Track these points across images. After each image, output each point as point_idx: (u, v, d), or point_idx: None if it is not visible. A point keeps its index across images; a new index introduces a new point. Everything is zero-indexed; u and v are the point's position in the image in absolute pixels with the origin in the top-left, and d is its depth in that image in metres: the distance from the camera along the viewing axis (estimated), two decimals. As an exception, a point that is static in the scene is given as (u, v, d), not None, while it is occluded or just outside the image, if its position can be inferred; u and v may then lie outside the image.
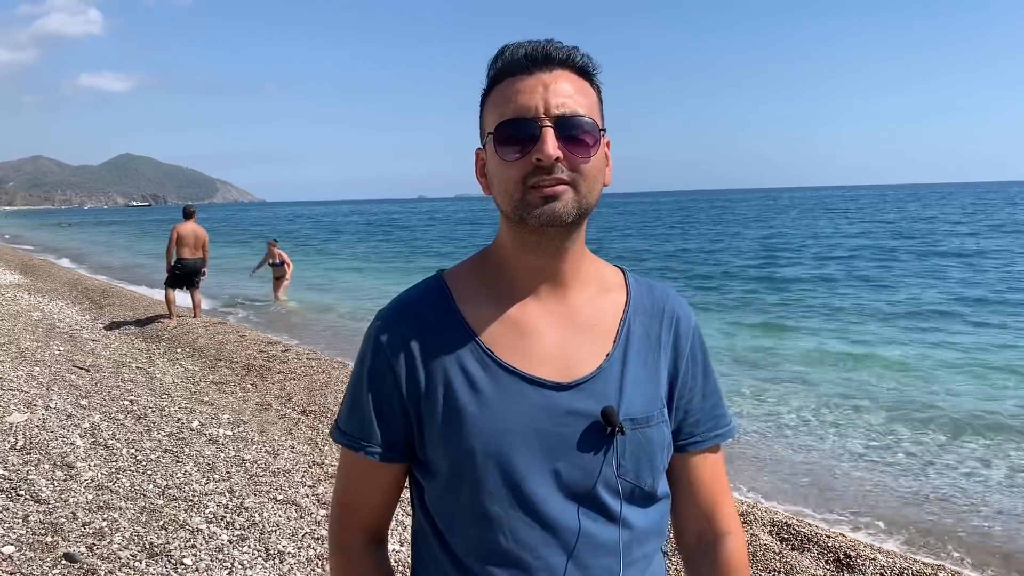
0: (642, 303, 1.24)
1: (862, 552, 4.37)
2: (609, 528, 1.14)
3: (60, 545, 3.89)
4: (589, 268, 1.23)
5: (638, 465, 1.15)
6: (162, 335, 11.06)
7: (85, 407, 6.60)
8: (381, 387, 1.17)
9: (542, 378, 1.14)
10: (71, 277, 19.60)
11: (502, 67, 1.14)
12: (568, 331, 1.18)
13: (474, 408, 1.12)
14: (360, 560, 1.24)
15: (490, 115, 1.15)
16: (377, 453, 1.19)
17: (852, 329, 13.08)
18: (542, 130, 1.08)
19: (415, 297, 1.21)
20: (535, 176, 1.09)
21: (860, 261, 24.55)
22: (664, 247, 33.55)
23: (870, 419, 7.83)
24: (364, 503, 1.24)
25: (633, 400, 1.16)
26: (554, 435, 1.12)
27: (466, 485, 1.13)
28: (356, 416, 1.20)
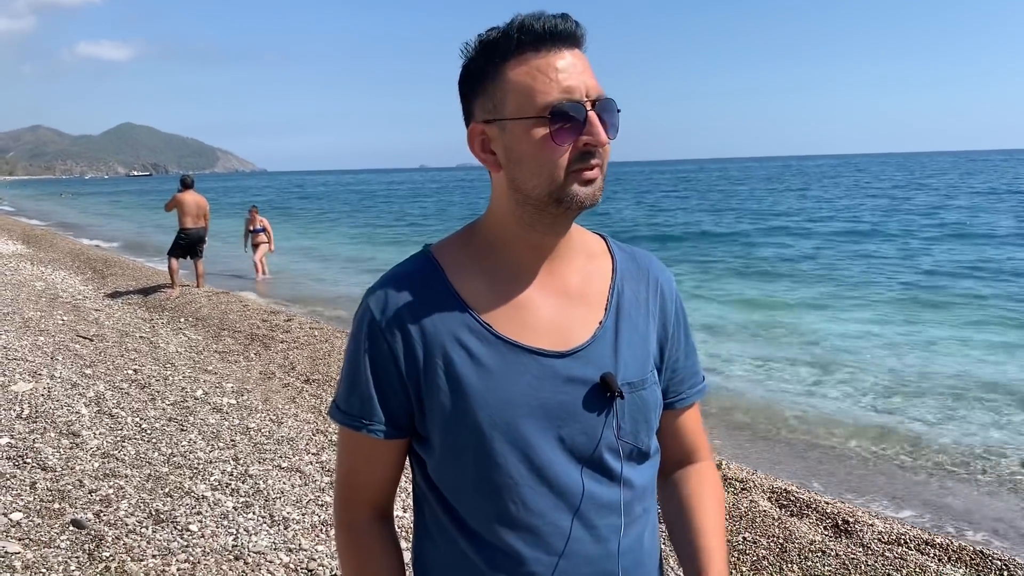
0: (628, 269, 1.26)
1: (860, 518, 4.41)
2: (612, 488, 1.17)
3: (67, 512, 3.94)
4: (576, 238, 1.23)
5: (636, 427, 1.18)
6: (165, 305, 11.09)
7: (89, 376, 6.64)
8: (379, 365, 1.17)
9: (541, 348, 1.15)
10: (73, 247, 19.62)
11: (525, 39, 1.09)
12: (561, 301, 1.19)
13: (476, 381, 1.13)
14: (367, 536, 1.25)
15: (517, 92, 1.09)
16: (380, 431, 1.19)
17: (840, 303, 13.10)
18: (589, 114, 1.08)
19: (407, 273, 1.20)
20: (580, 161, 1.08)
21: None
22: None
23: (868, 389, 7.87)
24: (368, 481, 1.25)
25: (628, 365, 1.18)
26: (556, 403, 1.13)
27: (471, 456, 1.14)
28: (356, 395, 1.20)
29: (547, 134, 1.07)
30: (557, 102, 1.07)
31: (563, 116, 1.07)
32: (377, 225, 33.68)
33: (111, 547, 3.65)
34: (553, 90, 1.07)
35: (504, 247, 1.19)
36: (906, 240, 21.60)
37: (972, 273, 15.42)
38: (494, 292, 1.17)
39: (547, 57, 1.08)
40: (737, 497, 4.63)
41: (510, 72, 1.09)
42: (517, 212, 1.15)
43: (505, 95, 1.10)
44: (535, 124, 1.08)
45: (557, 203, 1.10)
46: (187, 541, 3.82)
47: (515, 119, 1.09)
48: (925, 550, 4.12)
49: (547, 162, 1.08)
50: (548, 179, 1.09)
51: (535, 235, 1.16)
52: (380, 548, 1.25)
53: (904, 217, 28.68)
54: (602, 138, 1.08)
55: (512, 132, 1.10)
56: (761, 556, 4.02)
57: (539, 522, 1.13)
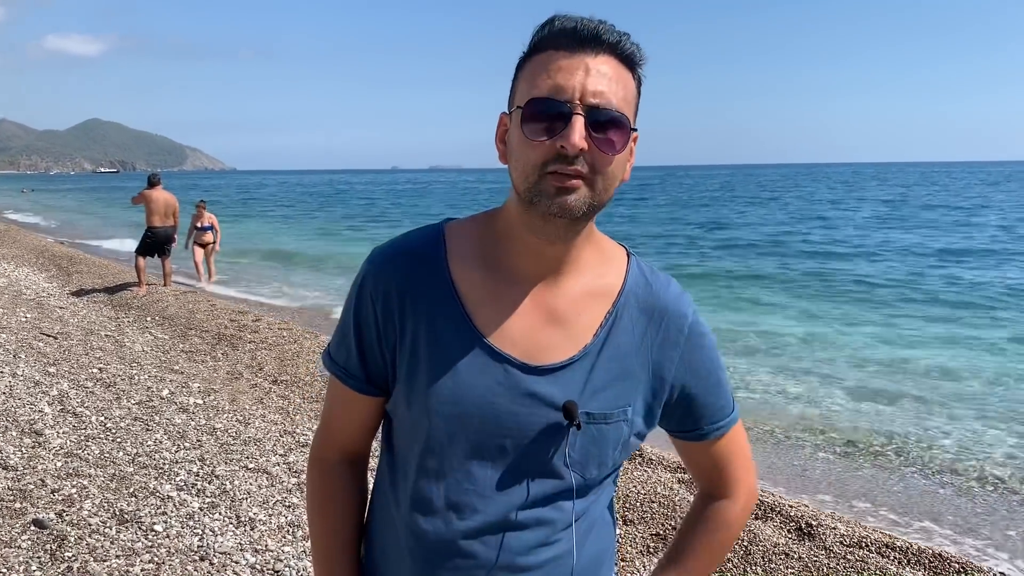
0: (635, 295, 1.20)
1: (823, 521, 4.48)
2: (544, 509, 1.17)
3: (29, 511, 3.89)
4: (591, 252, 1.19)
5: (586, 459, 1.16)
6: (132, 303, 10.96)
7: (53, 374, 6.55)
8: (363, 325, 1.19)
9: (512, 356, 1.14)
10: (38, 244, 19.30)
11: (547, 36, 1.08)
12: (550, 317, 1.17)
13: (441, 372, 1.14)
14: (333, 473, 1.30)
15: (523, 85, 1.09)
16: (356, 385, 1.23)
17: (813, 306, 13.28)
18: (572, 116, 1.03)
19: (410, 246, 1.20)
20: (555, 163, 1.03)
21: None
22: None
23: (835, 393, 7.98)
24: (343, 426, 1.29)
25: (597, 396, 1.16)
26: (509, 413, 1.13)
27: (419, 436, 1.17)
28: (343, 346, 1.23)
29: (524, 128, 1.06)
30: (536, 96, 1.05)
31: (538, 110, 1.04)
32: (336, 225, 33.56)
33: (74, 547, 3.61)
34: (542, 85, 1.05)
35: (507, 243, 1.17)
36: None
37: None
38: (488, 288, 1.16)
39: (562, 55, 1.06)
40: (703, 500, 4.67)
41: (528, 64, 1.10)
42: (518, 209, 1.13)
43: (518, 86, 1.11)
44: (520, 117, 1.07)
45: (531, 204, 1.07)
46: (152, 542, 3.79)
47: (515, 109, 1.10)
48: (886, 553, 4.20)
49: (522, 157, 1.07)
50: (523, 175, 1.07)
51: (533, 239, 1.13)
52: (343, 488, 1.30)
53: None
54: (573, 141, 1.01)
55: (512, 122, 1.11)
56: (726, 559, 4.07)
57: (453, 519, 1.16)
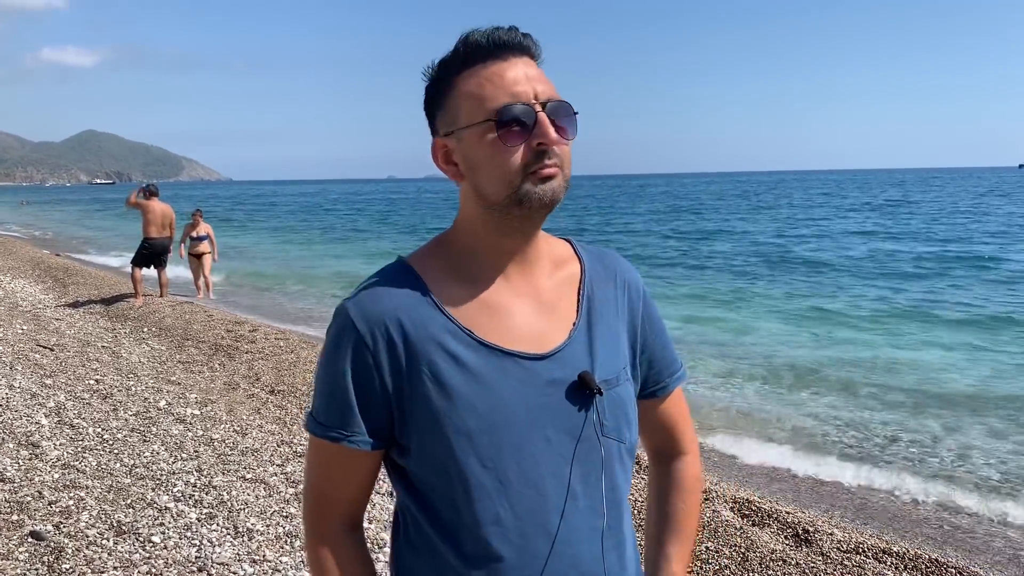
0: (596, 271, 1.30)
1: (820, 528, 4.49)
2: (596, 487, 1.19)
3: (26, 523, 3.89)
4: (545, 244, 1.27)
5: (618, 422, 1.21)
6: (128, 314, 10.96)
7: (50, 386, 6.55)
8: (360, 376, 1.16)
9: (522, 351, 1.17)
10: (34, 255, 19.30)
11: (470, 53, 1.13)
12: (535, 306, 1.22)
13: (464, 386, 1.13)
14: (341, 548, 1.24)
15: (468, 101, 1.13)
16: (361, 442, 1.18)
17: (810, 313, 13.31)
18: (538, 115, 1.11)
19: (385, 281, 1.19)
20: (536, 161, 1.11)
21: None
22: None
23: (830, 401, 8.00)
24: (344, 493, 1.24)
25: (603, 363, 1.21)
26: (541, 405, 1.16)
27: (458, 461, 1.13)
28: (335, 407, 1.18)
29: (496, 138, 1.11)
30: (504, 105, 1.10)
31: (510, 118, 1.10)
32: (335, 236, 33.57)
33: (71, 559, 3.61)
34: (501, 95, 1.11)
35: (477, 254, 1.21)
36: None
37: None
38: (471, 298, 1.19)
39: (495, 66, 1.12)
40: (700, 507, 4.68)
41: (461, 84, 1.14)
42: (484, 218, 1.17)
43: (459, 106, 1.14)
44: (486, 129, 1.11)
45: (518, 205, 1.12)
46: (149, 553, 3.78)
47: (468, 127, 1.13)
48: (883, 558, 4.21)
49: (501, 165, 1.11)
50: (506, 182, 1.12)
51: (505, 240, 1.19)
52: (355, 560, 1.25)
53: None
54: (551, 137, 1.10)
55: (467, 140, 1.14)
56: (723, 565, 4.08)
57: (527, 524, 1.14)
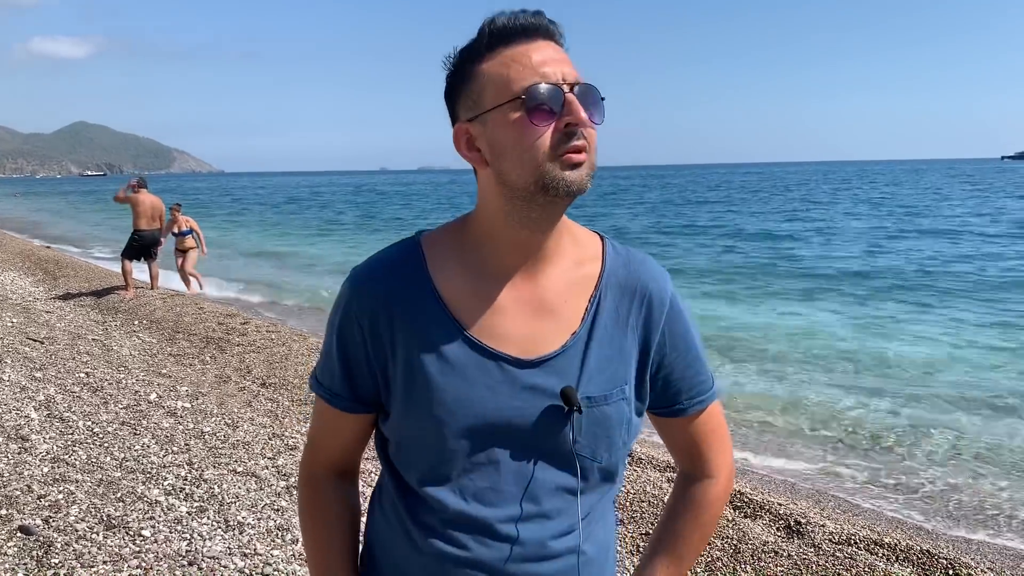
0: (615, 276, 1.23)
1: (812, 519, 4.49)
2: (561, 499, 1.20)
3: (15, 518, 3.86)
4: (567, 238, 1.22)
5: (595, 443, 1.18)
6: (119, 307, 10.90)
7: (39, 379, 6.51)
8: (349, 345, 1.20)
9: (507, 354, 1.16)
10: (24, 247, 19.19)
11: (497, 35, 1.11)
12: (537, 309, 1.19)
13: (438, 377, 1.15)
14: (325, 491, 1.31)
15: (493, 83, 1.11)
16: (344, 405, 1.24)
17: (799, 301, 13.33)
18: (566, 96, 1.08)
19: (389, 260, 1.21)
20: (565, 143, 1.07)
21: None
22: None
23: (822, 389, 8.02)
24: (332, 444, 1.30)
25: (594, 379, 1.18)
26: (514, 409, 1.15)
27: (426, 446, 1.18)
28: (328, 368, 1.24)
29: (525, 117, 1.07)
30: (532, 84, 1.07)
31: (539, 97, 1.07)
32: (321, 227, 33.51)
33: (60, 553, 3.59)
34: (528, 75, 1.08)
35: (490, 244, 1.18)
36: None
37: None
38: (473, 291, 1.18)
39: (521, 47, 1.10)
40: (692, 499, 4.69)
41: (487, 67, 1.11)
42: (506, 208, 1.14)
43: (483, 89, 1.11)
44: (513, 109, 1.08)
45: (544, 190, 1.09)
46: (139, 547, 3.76)
47: (494, 108, 1.10)
48: (874, 550, 4.21)
49: (529, 147, 1.08)
50: (532, 165, 1.08)
51: (523, 232, 1.16)
52: (335, 504, 1.31)
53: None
54: (581, 116, 1.07)
55: (493, 123, 1.11)
56: (715, 557, 4.08)
57: (479, 520, 1.17)
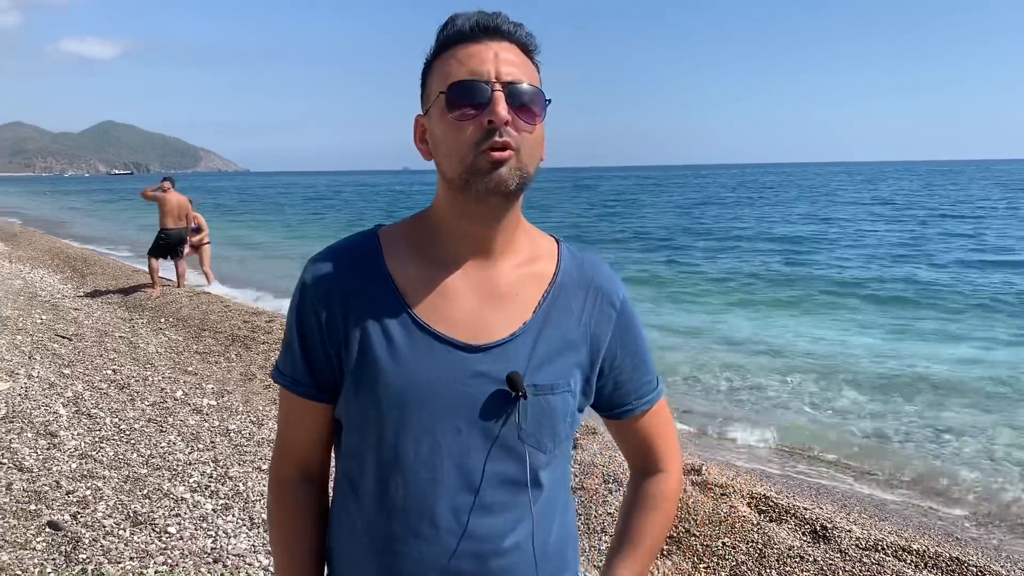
0: (569, 276, 1.27)
1: (838, 524, 4.44)
2: (502, 488, 1.20)
3: (44, 513, 3.91)
4: (522, 238, 1.26)
5: (539, 430, 1.20)
6: (145, 304, 11.01)
7: (68, 376, 6.59)
8: (307, 330, 1.23)
9: (455, 338, 1.18)
10: (52, 245, 19.43)
11: (451, 35, 1.17)
12: (488, 298, 1.21)
13: (387, 361, 1.17)
14: (291, 494, 1.32)
15: (438, 79, 1.16)
16: (304, 392, 1.25)
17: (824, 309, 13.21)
18: (494, 93, 1.11)
19: (345, 248, 1.25)
20: (486, 140, 1.10)
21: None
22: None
23: (849, 394, 7.94)
24: (297, 438, 1.31)
25: (542, 368, 1.20)
26: (460, 393, 1.17)
27: (372, 430, 1.19)
28: (289, 356, 1.26)
29: (449, 112, 1.13)
30: (458, 80, 1.12)
31: (461, 92, 1.12)
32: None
33: (88, 549, 3.63)
34: (460, 72, 1.13)
35: (443, 235, 1.22)
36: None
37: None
38: (424, 278, 1.21)
39: (466, 47, 1.15)
40: (717, 502, 4.65)
41: (437, 64, 1.18)
42: (449, 199, 1.19)
43: (431, 85, 1.18)
44: (443, 104, 1.13)
45: (467, 186, 1.13)
46: (165, 543, 3.80)
47: (432, 104, 1.17)
48: (902, 556, 4.16)
49: (453, 141, 1.13)
50: (457, 159, 1.13)
51: (468, 225, 1.19)
52: (302, 506, 1.31)
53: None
54: (501, 114, 1.10)
55: (432, 118, 1.17)
56: (740, 561, 4.04)
57: (416, 505, 1.17)
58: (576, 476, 4.97)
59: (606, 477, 4.96)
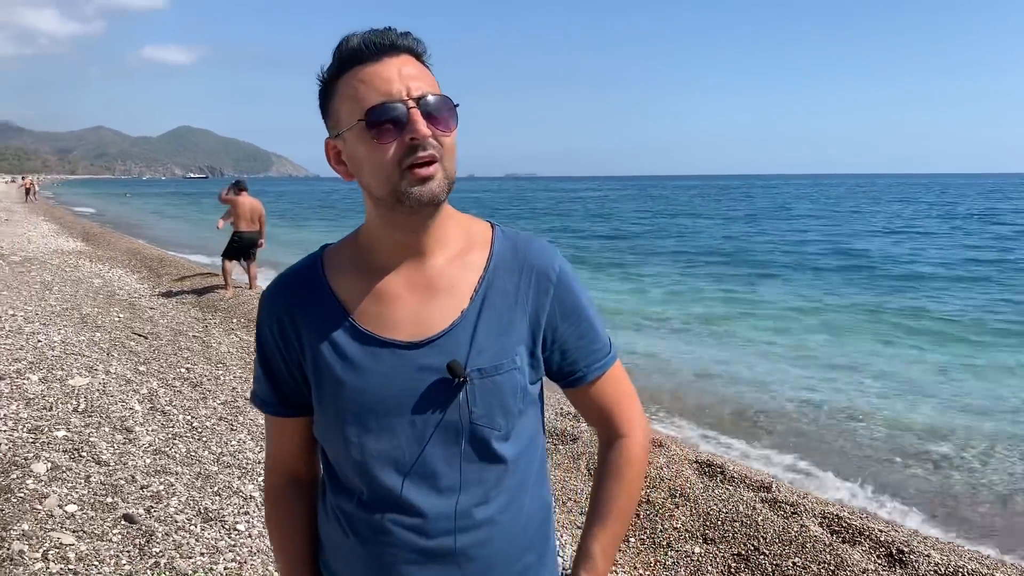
0: (504, 259, 1.32)
1: (916, 548, 4.28)
2: (467, 467, 1.27)
3: (120, 506, 4.01)
4: (453, 231, 1.31)
5: (490, 411, 1.26)
6: (218, 305, 11.26)
7: (143, 373, 6.77)
8: (268, 353, 1.34)
9: (396, 339, 1.25)
10: (130, 246, 20.06)
11: (348, 56, 1.20)
12: (425, 295, 1.28)
13: (339, 371, 1.26)
14: (281, 501, 1.43)
15: (346, 103, 1.20)
16: (275, 411, 1.37)
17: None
18: (410, 111, 1.16)
19: (292, 272, 1.35)
20: (410, 156, 1.16)
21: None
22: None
23: (922, 410, 7.68)
24: (281, 451, 1.42)
25: (484, 351, 1.26)
26: (409, 390, 1.24)
27: (338, 435, 1.28)
28: (258, 377, 1.38)
29: (371, 136, 1.17)
30: (374, 105, 1.16)
31: (381, 116, 1.16)
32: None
33: (161, 543, 3.70)
34: (372, 95, 1.17)
35: (375, 247, 1.30)
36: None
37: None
38: (363, 289, 1.29)
39: (368, 67, 1.19)
40: (787, 521, 4.52)
41: (340, 87, 1.21)
42: (378, 213, 1.26)
43: (339, 109, 1.22)
44: (362, 129, 1.18)
45: (399, 203, 1.19)
46: (234, 540, 3.86)
47: (348, 129, 1.20)
48: (984, 584, 3.99)
49: (378, 163, 1.18)
50: (384, 180, 1.18)
51: (398, 234, 1.26)
52: (294, 512, 1.42)
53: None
54: (421, 131, 1.15)
55: (348, 141, 1.22)
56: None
57: (382, 501, 1.26)
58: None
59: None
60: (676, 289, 16.59)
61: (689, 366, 9.52)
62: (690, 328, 12.23)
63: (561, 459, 5.58)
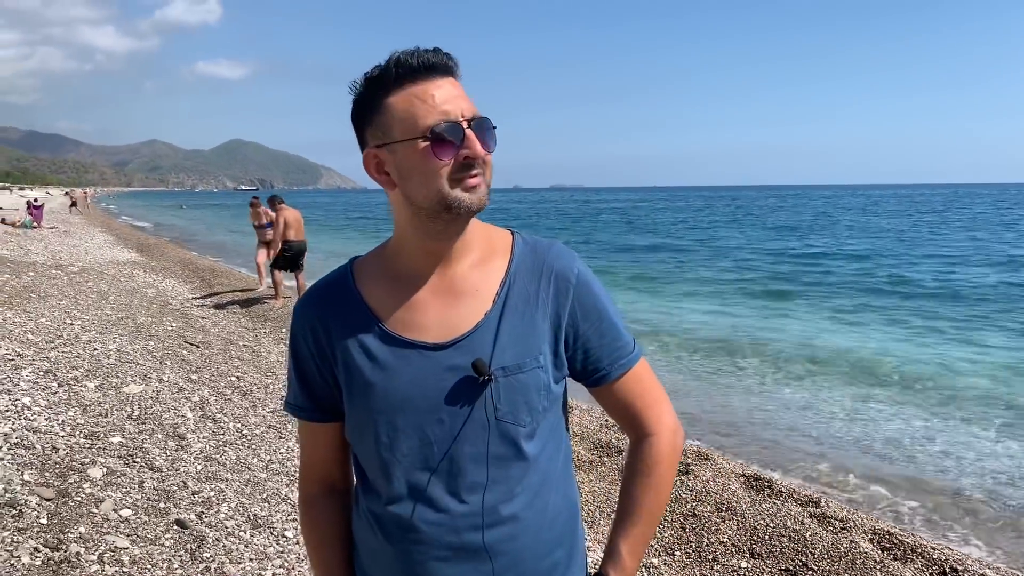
0: (524, 263, 1.38)
1: (970, 568, 4.18)
2: (493, 464, 1.31)
3: (172, 511, 4.09)
4: (475, 238, 1.37)
5: (515, 408, 1.31)
6: (268, 315, 11.44)
7: (195, 381, 6.90)
8: (301, 362, 1.41)
9: (425, 341, 1.32)
10: (183, 256, 20.49)
11: (403, 72, 1.26)
12: (450, 299, 1.34)
13: (370, 374, 1.32)
14: (315, 509, 1.49)
15: (402, 119, 1.25)
16: (309, 416, 1.44)
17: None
18: (466, 132, 1.25)
19: (323, 284, 1.43)
20: (461, 171, 1.25)
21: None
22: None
23: (975, 425, 7.49)
24: (315, 459, 1.49)
25: (507, 351, 1.31)
26: (437, 389, 1.30)
27: (370, 437, 1.33)
28: (292, 387, 1.45)
29: (430, 151, 1.24)
30: (435, 123, 1.24)
31: (442, 135, 1.23)
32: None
33: (211, 548, 3.77)
34: (432, 114, 1.24)
35: (404, 255, 1.37)
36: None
37: None
38: (391, 295, 1.36)
39: (423, 85, 1.25)
40: (837, 537, 4.45)
41: (393, 101, 1.27)
42: (414, 222, 1.32)
43: (391, 122, 1.27)
44: (419, 143, 1.24)
45: (447, 209, 1.26)
46: (283, 547, 3.91)
47: (402, 141, 1.26)
48: (1042, 606, 3.87)
49: (433, 174, 1.25)
50: (435, 189, 1.25)
51: (430, 242, 1.33)
52: (330, 519, 1.48)
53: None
54: (479, 151, 1.25)
55: (401, 153, 1.27)
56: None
57: (416, 498, 1.31)
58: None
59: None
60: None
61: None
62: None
63: (606, 471, 5.56)
